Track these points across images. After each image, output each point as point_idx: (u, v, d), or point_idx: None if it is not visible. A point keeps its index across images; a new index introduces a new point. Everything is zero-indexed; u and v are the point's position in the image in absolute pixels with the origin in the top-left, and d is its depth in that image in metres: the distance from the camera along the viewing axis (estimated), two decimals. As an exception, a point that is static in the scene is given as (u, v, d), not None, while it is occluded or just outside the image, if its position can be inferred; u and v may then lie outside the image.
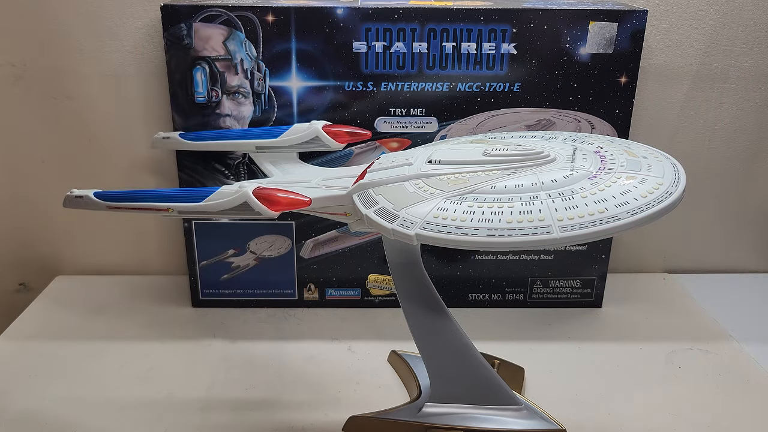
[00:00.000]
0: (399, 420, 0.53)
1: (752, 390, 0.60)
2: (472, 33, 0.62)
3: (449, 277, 0.72)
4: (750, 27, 0.73)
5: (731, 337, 0.68)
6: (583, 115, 0.65)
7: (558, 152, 0.45)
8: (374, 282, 0.72)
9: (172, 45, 0.62)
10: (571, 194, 0.40)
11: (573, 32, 0.62)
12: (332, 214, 0.51)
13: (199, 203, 0.49)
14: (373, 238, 0.70)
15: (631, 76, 0.64)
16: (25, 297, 0.78)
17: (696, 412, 0.57)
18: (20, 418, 0.56)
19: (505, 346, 0.65)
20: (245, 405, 0.58)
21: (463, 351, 0.51)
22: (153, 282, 0.79)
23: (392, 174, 0.46)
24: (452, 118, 0.65)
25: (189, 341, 0.67)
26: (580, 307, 0.74)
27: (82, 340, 0.67)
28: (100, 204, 0.50)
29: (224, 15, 0.61)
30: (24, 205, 0.78)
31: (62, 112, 0.73)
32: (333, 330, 0.69)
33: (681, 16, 0.73)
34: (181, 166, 0.67)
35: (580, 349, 0.66)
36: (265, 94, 0.64)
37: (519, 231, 0.39)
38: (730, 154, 0.79)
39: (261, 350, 0.66)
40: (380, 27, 0.61)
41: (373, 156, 0.66)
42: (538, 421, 0.52)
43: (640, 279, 0.81)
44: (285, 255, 0.71)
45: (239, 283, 0.72)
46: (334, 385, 0.60)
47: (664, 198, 0.39)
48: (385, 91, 0.64)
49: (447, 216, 0.41)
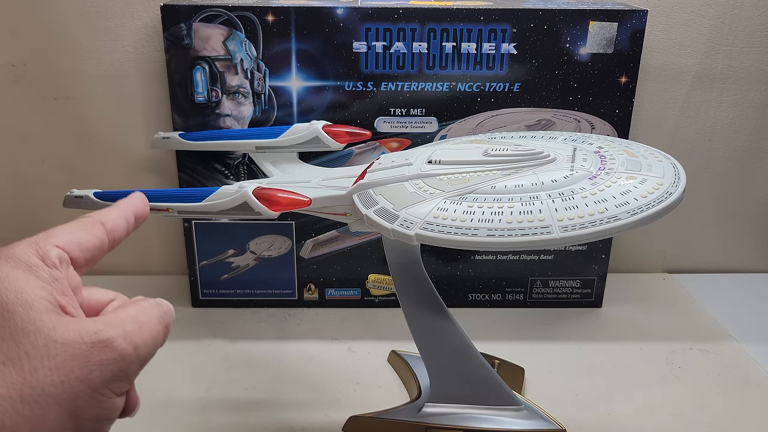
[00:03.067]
0: (399, 420, 0.53)
1: (752, 390, 0.60)
2: (472, 33, 0.62)
3: (449, 277, 0.72)
4: (750, 27, 0.73)
5: (731, 337, 0.68)
6: (583, 115, 0.65)
7: (558, 152, 0.45)
8: (374, 282, 0.72)
9: (172, 45, 0.62)
10: (571, 194, 0.40)
11: (573, 32, 0.62)
12: (332, 214, 0.51)
13: (199, 203, 0.49)
14: (373, 238, 0.70)
15: (631, 76, 0.64)
16: (25, 297, 0.78)
17: (696, 412, 0.57)
18: (20, 418, 0.56)
19: (505, 346, 0.65)
20: (245, 405, 0.58)
21: (463, 351, 0.51)
22: (153, 282, 0.79)
23: (392, 174, 0.46)
24: (452, 118, 0.65)
25: (189, 341, 0.67)
26: (580, 307, 0.74)
27: (82, 340, 0.67)
28: (100, 204, 0.50)
29: (224, 15, 0.61)
30: (24, 205, 0.78)
31: (62, 112, 0.73)
32: (333, 330, 0.69)
33: (681, 16, 0.73)
34: (181, 166, 0.67)
35: (580, 349, 0.66)
36: (265, 94, 0.64)
37: (519, 231, 0.39)
38: (730, 154, 0.79)
39: (261, 350, 0.66)
40: (380, 27, 0.61)
41: (373, 156, 0.66)
42: (538, 421, 0.52)
43: (640, 279, 0.81)
44: (285, 255, 0.71)
45: (239, 283, 0.72)
46: (334, 385, 0.60)
47: (664, 198, 0.39)
48: (385, 91, 0.64)
49: (447, 216, 0.41)
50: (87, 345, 0.26)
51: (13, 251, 0.28)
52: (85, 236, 0.31)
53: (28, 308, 0.26)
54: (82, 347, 0.26)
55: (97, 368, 0.26)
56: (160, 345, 0.31)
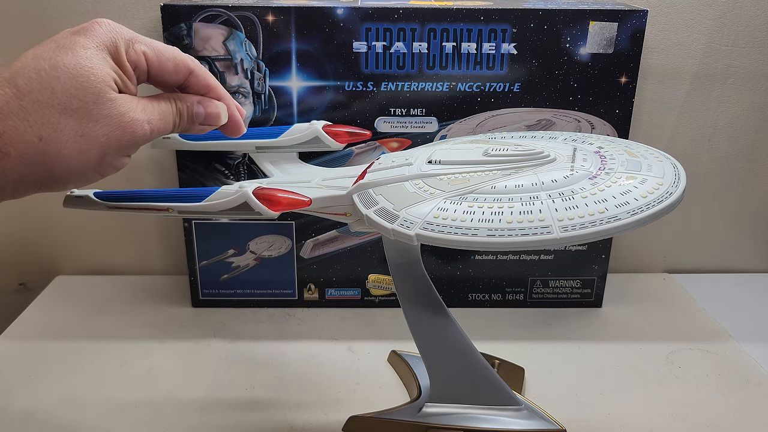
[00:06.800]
0: (399, 420, 0.53)
1: (752, 390, 0.60)
2: (472, 33, 0.62)
3: (449, 277, 0.72)
4: (750, 27, 0.73)
5: (731, 337, 0.68)
6: (583, 115, 0.65)
7: (558, 152, 0.45)
8: (374, 282, 0.72)
9: (172, 45, 0.62)
10: (572, 194, 0.40)
11: (573, 32, 0.62)
12: (332, 214, 0.51)
13: (199, 203, 0.49)
14: (373, 238, 0.70)
15: (631, 76, 0.64)
16: (25, 297, 0.78)
17: (696, 412, 0.57)
18: (20, 418, 0.56)
19: (505, 346, 0.65)
20: (245, 405, 0.58)
21: (463, 351, 0.51)
22: (153, 282, 0.79)
23: (392, 174, 0.46)
24: (452, 118, 0.65)
25: (189, 341, 0.67)
26: (580, 307, 0.74)
27: (82, 340, 0.67)
28: (100, 204, 0.50)
29: (224, 15, 0.61)
30: (24, 205, 0.78)
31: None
32: (333, 330, 0.69)
33: (681, 16, 0.73)
34: (181, 166, 0.67)
35: (580, 349, 0.66)
36: (265, 94, 0.64)
37: (519, 231, 0.39)
38: (730, 154, 0.79)
39: (261, 350, 0.66)
40: (380, 27, 0.61)
41: (373, 156, 0.66)
42: (538, 421, 0.52)
43: (640, 279, 0.81)
44: (285, 255, 0.71)
45: (239, 283, 0.72)
46: (334, 385, 0.60)
47: (665, 198, 0.39)
48: (385, 91, 0.64)
49: (447, 216, 0.41)
50: (128, 118, 0.38)
51: (103, 36, 0.38)
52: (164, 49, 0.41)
53: (99, 80, 0.36)
54: (124, 118, 0.37)
55: (127, 136, 0.38)
56: (170, 129, 0.42)
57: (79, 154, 0.36)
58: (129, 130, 0.38)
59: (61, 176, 0.37)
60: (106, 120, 0.37)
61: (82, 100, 0.36)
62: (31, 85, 0.35)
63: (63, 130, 0.35)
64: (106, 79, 0.37)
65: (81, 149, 0.36)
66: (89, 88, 0.36)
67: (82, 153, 0.36)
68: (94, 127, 0.36)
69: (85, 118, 0.36)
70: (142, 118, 0.38)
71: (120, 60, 0.38)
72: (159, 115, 0.40)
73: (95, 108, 0.36)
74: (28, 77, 0.35)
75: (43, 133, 0.35)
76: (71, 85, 0.36)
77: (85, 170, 0.37)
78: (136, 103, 0.38)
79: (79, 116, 0.36)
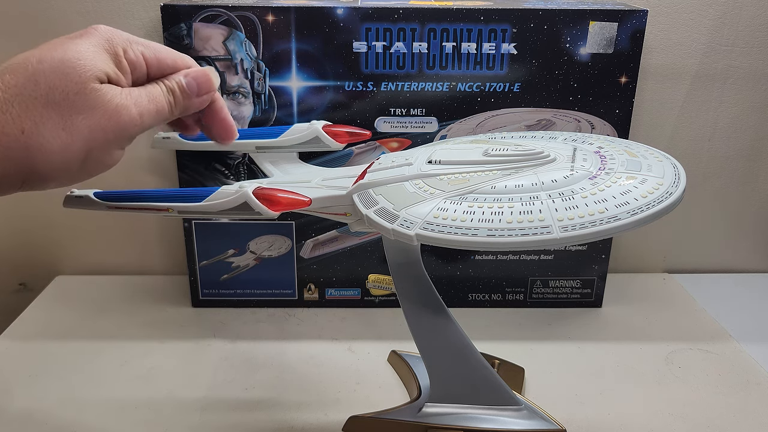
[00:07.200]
0: (399, 420, 0.53)
1: (752, 390, 0.60)
2: (472, 33, 0.62)
3: (449, 277, 0.72)
4: (750, 27, 0.73)
5: (731, 337, 0.68)
6: (583, 115, 0.65)
7: (558, 152, 0.45)
8: (374, 282, 0.72)
9: (172, 45, 0.62)
10: (572, 194, 0.40)
11: (573, 32, 0.62)
12: (332, 214, 0.51)
13: (199, 203, 0.49)
14: (373, 238, 0.70)
15: (631, 76, 0.64)
16: (25, 297, 0.78)
17: (696, 412, 0.57)
18: (20, 418, 0.56)
19: (505, 346, 0.65)
20: (245, 405, 0.58)
21: (463, 351, 0.51)
22: (153, 282, 0.79)
23: (392, 174, 0.46)
24: (452, 118, 0.65)
25: (189, 341, 0.67)
26: (580, 307, 0.74)
27: (82, 340, 0.67)
28: (100, 204, 0.50)
29: (224, 15, 0.61)
30: (24, 205, 0.78)
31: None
32: (333, 330, 0.69)
33: (681, 16, 0.73)
34: (181, 166, 0.67)
35: (580, 349, 0.66)
36: (265, 94, 0.64)
37: (519, 231, 0.39)
38: (730, 154, 0.79)
39: (261, 350, 0.66)
40: (380, 27, 0.61)
41: (373, 156, 0.66)
42: (538, 421, 0.52)
43: (640, 279, 0.81)
44: (285, 255, 0.71)
45: (239, 283, 0.72)
46: (334, 385, 0.60)
47: (665, 198, 0.39)
48: (385, 91, 0.64)
49: (447, 216, 0.41)
50: (112, 105, 0.36)
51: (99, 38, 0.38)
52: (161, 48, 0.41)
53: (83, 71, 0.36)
54: (109, 106, 0.36)
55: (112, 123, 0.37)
56: (164, 119, 0.41)
57: (62, 148, 0.35)
58: (114, 118, 0.37)
59: (44, 172, 0.36)
60: (90, 111, 0.36)
61: (65, 91, 0.35)
62: (17, 79, 0.35)
63: (45, 124, 0.35)
64: (93, 71, 0.36)
65: (64, 143, 0.35)
66: (73, 78, 0.35)
67: (65, 147, 0.35)
68: (76, 120, 0.35)
69: (68, 110, 0.35)
70: (127, 102, 0.37)
71: (119, 61, 0.38)
72: (147, 97, 0.39)
73: (77, 99, 0.35)
74: (14, 72, 0.35)
75: (25, 126, 0.34)
76: (55, 77, 0.35)
77: (68, 166, 0.36)
78: (120, 90, 0.37)
79: (62, 109, 0.35)
